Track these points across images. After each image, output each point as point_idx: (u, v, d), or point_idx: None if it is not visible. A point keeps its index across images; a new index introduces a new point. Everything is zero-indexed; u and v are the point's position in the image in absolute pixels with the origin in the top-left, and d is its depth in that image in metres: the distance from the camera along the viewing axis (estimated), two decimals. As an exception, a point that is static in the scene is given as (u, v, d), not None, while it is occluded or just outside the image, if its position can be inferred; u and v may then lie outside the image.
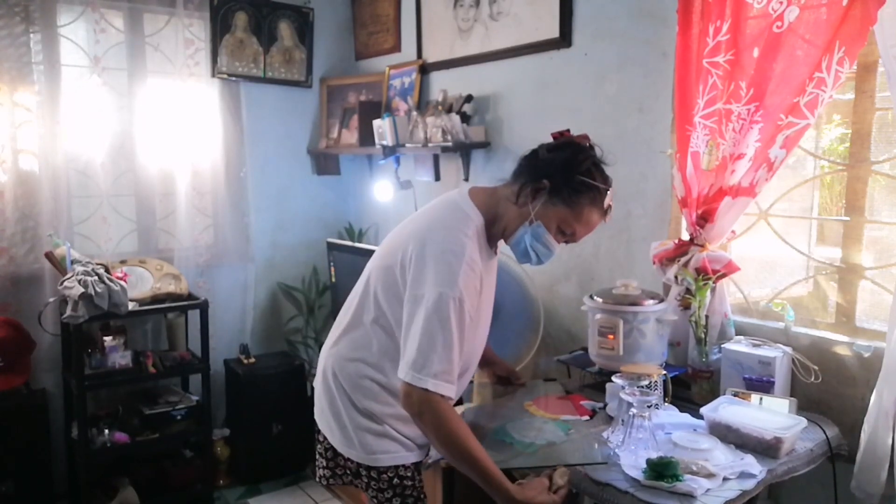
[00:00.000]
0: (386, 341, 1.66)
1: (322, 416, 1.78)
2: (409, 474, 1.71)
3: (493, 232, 1.68)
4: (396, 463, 1.69)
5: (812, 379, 1.93)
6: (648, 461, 1.54)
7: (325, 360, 1.80)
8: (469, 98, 3.04)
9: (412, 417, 1.56)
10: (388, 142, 3.22)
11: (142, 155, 3.34)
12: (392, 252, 1.66)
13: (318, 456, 1.84)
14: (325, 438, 1.80)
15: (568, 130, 1.71)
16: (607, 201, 1.64)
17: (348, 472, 1.76)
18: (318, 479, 1.87)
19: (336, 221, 3.98)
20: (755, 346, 1.99)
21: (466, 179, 3.09)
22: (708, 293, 2.05)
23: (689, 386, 2.08)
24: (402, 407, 1.57)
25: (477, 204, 1.66)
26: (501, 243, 1.77)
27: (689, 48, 2.09)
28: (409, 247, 1.60)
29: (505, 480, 1.54)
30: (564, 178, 1.60)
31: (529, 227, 1.63)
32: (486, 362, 2.16)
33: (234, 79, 3.55)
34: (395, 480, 1.70)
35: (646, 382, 1.72)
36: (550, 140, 1.70)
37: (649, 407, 1.68)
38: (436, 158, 3.26)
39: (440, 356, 1.51)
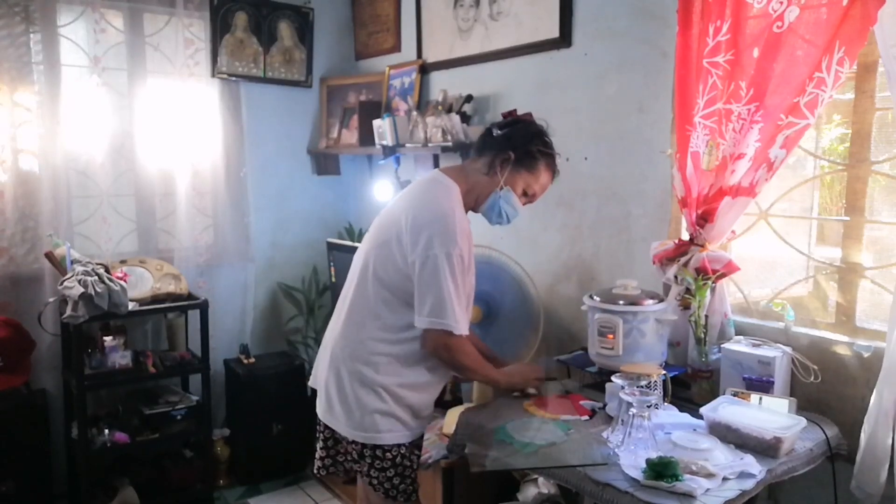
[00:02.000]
0: (389, 314, 1.87)
1: (329, 407, 1.95)
2: (407, 454, 1.92)
3: (468, 200, 1.94)
4: (399, 441, 1.89)
5: (812, 379, 1.93)
6: (648, 461, 1.54)
7: (333, 349, 1.96)
8: (469, 98, 3.04)
9: (433, 355, 1.85)
10: (388, 142, 3.22)
11: (142, 155, 3.34)
12: (385, 230, 1.90)
13: (318, 448, 2.04)
14: (325, 428, 1.98)
15: (515, 110, 2.03)
16: (557, 165, 2.00)
17: (350, 457, 1.95)
18: (315, 471, 2.05)
19: (336, 221, 3.98)
20: (755, 346, 1.99)
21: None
22: (708, 293, 2.05)
23: (689, 386, 2.08)
24: (427, 350, 1.85)
25: (451, 177, 1.93)
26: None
27: (689, 48, 2.09)
28: (401, 221, 1.84)
29: (502, 378, 2.03)
30: (525, 149, 1.92)
31: (500, 193, 1.93)
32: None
33: (234, 79, 3.54)
34: (398, 459, 1.90)
35: (645, 382, 1.72)
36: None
37: (649, 407, 1.68)
38: (436, 158, 3.26)
39: (454, 302, 1.78)
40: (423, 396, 1.94)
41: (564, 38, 2.63)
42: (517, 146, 1.91)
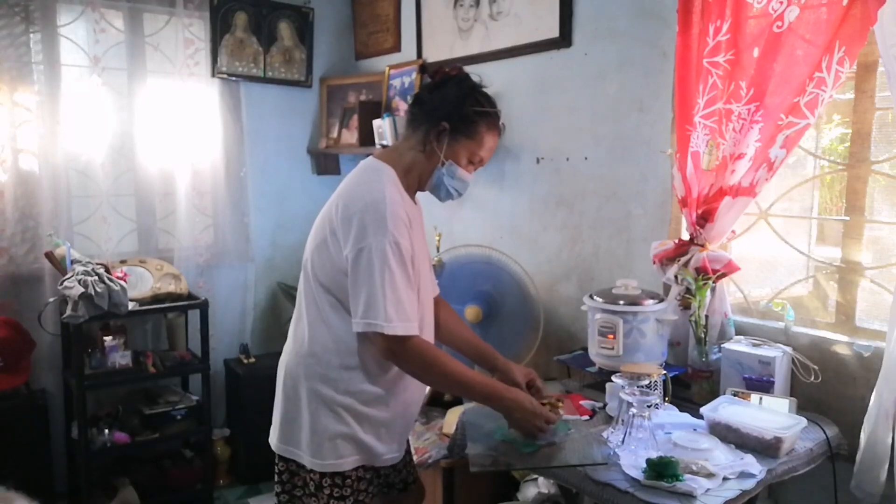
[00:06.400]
0: (339, 321, 1.67)
1: (285, 437, 1.76)
2: (367, 476, 1.75)
3: (409, 182, 1.74)
4: (360, 464, 1.72)
5: (812, 379, 1.93)
6: (648, 461, 1.54)
7: (287, 370, 1.79)
8: (469, 98, 3.03)
9: (397, 364, 1.65)
10: (388, 141, 3.22)
11: (142, 155, 3.34)
12: (320, 229, 1.72)
13: (275, 484, 1.81)
14: (279, 460, 1.79)
15: (441, 67, 1.81)
16: (500, 122, 1.78)
17: (308, 489, 1.73)
18: None
19: (336, 221, 3.97)
20: (755, 345, 1.99)
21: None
22: (708, 293, 2.05)
23: (689, 386, 2.08)
24: (385, 358, 1.63)
25: (385, 160, 1.73)
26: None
27: (689, 48, 2.09)
28: (332, 216, 1.67)
29: (497, 388, 1.70)
30: (460, 114, 1.70)
31: (444, 169, 1.72)
32: (493, 368, 1.96)
33: (234, 79, 3.55)
34: (357, 484, 1.72)
35: (646, 382, 1.72)
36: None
37: (649, 407, 1.68)
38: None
39: (387, 298, 1.57)
40: (397, 407, 1.75)
41: (564, 38, 2.63)
42: (451, 113, 1.69)
